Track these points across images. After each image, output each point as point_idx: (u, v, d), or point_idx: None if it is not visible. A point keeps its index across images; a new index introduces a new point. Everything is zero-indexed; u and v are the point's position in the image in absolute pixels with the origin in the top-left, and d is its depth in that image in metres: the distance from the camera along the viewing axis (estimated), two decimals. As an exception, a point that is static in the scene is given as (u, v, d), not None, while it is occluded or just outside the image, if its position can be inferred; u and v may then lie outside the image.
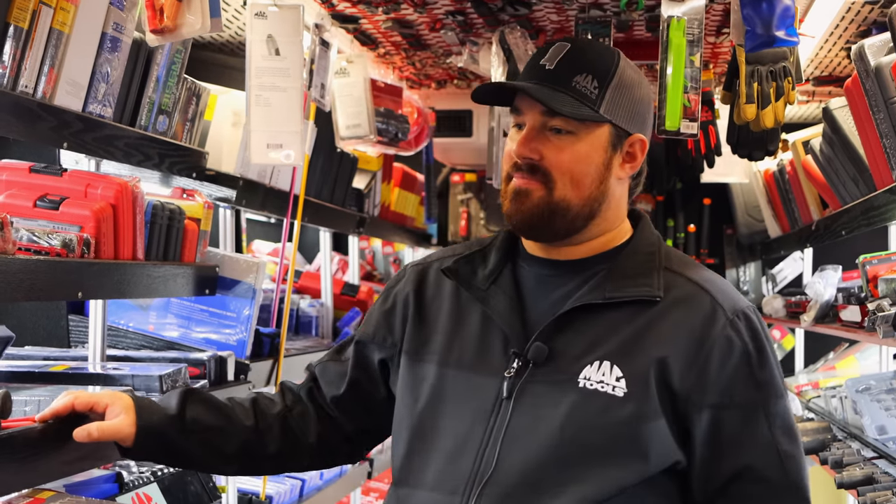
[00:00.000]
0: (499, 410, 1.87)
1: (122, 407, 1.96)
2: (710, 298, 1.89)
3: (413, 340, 2.02)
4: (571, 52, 1.91)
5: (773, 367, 1.88)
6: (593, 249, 1.97)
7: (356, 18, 3.37)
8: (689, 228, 6.16)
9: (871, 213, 3.13)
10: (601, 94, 1.90)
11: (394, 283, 2.15)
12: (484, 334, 1.95)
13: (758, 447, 1.85)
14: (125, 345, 2.89)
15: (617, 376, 1.83)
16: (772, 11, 2.13)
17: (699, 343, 1.84)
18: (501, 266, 2.01)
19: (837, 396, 3.88)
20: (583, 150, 1.90)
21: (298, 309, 4.02)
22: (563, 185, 1.89)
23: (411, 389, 1.98)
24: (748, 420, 1.84)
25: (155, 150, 2.55)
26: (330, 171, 3.92)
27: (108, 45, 2.28)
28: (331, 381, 2.14)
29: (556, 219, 1.91)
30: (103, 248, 2.29)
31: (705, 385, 1.83)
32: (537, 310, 1.94)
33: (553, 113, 1.88)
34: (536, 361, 1.88)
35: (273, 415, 2.09)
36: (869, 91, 2.77)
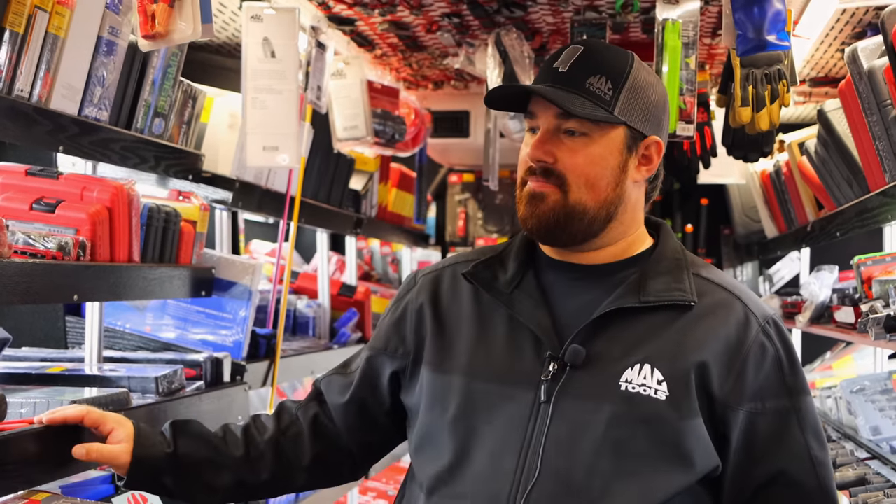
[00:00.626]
0: (537, 415, 1.84)
1: (124, 434, 1.97)
2: (742, 305, 1.89)
3: (435, 350, 1.98)
4: (585, 55, 1.90)
5: (802, 372, 1.90)
6: (616, 255, 1.96)
7: (352, 20, 3.39)
8: (687, 228, 6.17)
9: (864, 214, 3.14)
10: (615, 96, 1.88)
11: (404, 292, 2.11)
12: (512, 338, 1.92)
13: (791, 453, 1.86)
14: (122, 346, 2.90)
15: (658, 379, 1.82)
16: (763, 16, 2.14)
17: (736, 349, 1.85)
18: (523, 272, 1.98)
19: (832, 397, 3.89)
20: (597, 152, 1.89)
21: (295, 310, 4.02)
22: (577, 187, 1.88)
23: (439, 399, 1.94)
24: (782, 425, 1.85)
25: (151, 152, 2.56)
26: (327, 172, 3.93)
27: (103, 49, 2.29)
28: (336, 391, 2.12)
29: (572, 222, 1.89)
30: (99, 251, 2.30)
31: (741, 391, 1.84)
32: (566, 313, 1.91)
33: (567, 115, 1.87)
34: (574, 364, 1.85)
35: (265, 441, 2.08)
36: (862, 94, 2.78)
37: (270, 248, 4.88)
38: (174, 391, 2.52)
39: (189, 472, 2.01)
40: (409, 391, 2.03)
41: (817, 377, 4.82)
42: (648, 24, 3.34)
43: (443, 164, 6.19)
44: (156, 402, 2.37)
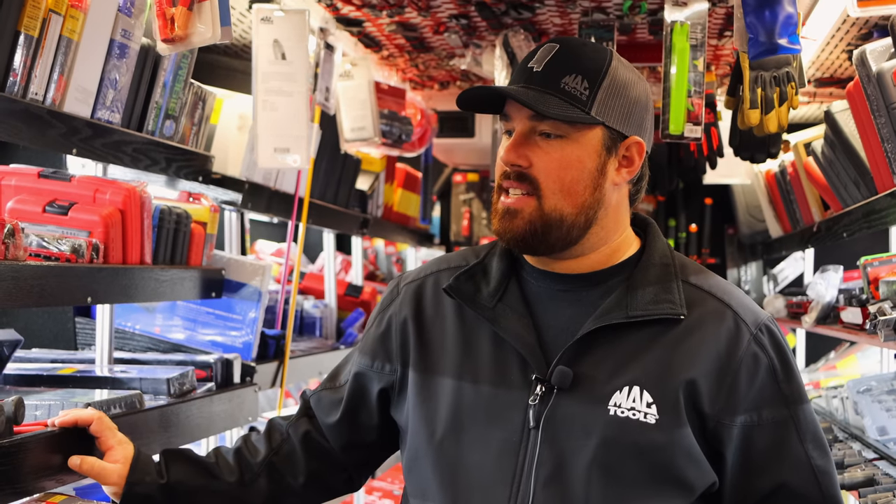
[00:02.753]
0: (527, 442, 1.79)
1: (122, 455, 1.93)
2: (733, 313, 1.83)
3: (420, 365, 1.92)
4: (560, 53, 1.82)
5: (798, 378, 1.84)
6: (601, 261, 1.88)
7: (360, 22, 3.39)
8: (691, 228, 6.18)
9: (871, 216, 3.14)
10: (592, 96, 1.80)
11: (387, 303, 2.04)
12: (498, 356, 1.85)
13: (791, 464, 1.80)
14: (132, 347, 2.90)
15: (648, 402, 1.76)
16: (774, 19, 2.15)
17: (726, 363, 1.78)
18: (506, 280, 1.90)
19: (839, 397, 3.89)
20: (573, 154, 1.80)
21: (302, 310, 4.04)
22: (552, 193, 1.80)
23: (425, 418, 1.89)
24: (780, 437, 1.80)
25: (162, 154, 2.57)
26: (334, 172, 3.94)
27: (116, 52, 2.30)
28: (326, 410, 2.05)
29: (550, 231, 1.81)
30: (112, 253, 2.31)
31: (735, 405, 1.78)
32: (553, 329, 1.85)
33: (541, 117, 1.79)
34: (561, 387, 1.79)
35: (258, 463, 2.03)
36: (870, 96, 2.79)
37: (276, 248, 4.89)
38: (185, 392, 2.53)
39: (183, 501, 1.97)
40: (398, 408, 1.98)
41: (822, 377, 4.83)
42: (656, 25, 3.34)
43: (447, 164, 6.20)
44: (168, 404, 2.38)
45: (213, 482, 1.99)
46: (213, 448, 2.08)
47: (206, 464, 2.01)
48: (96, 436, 1.95)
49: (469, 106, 1.92)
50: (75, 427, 1.94)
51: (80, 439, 1.95)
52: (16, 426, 1.84)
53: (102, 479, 1.93)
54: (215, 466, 2.01)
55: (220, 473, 2.00)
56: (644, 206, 6.15)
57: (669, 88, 2.85)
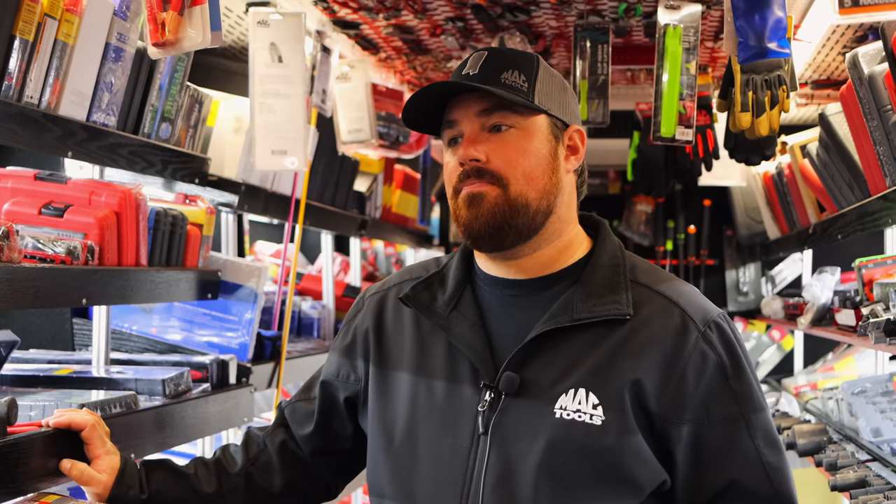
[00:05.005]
0: (477, 447, 1.80)
1: (107, 466, 1.95)
2: (680, 311, 1.82)
3: (378, 376, 1.95)
4: (491, 56, 1.86)
5: (750, 376, 1.82)
6: (553, 259, 1.90)
7: (357, 24, 3.41)
8: (690, 230, 6.19)
9: (865, 218, 3.16)
10: (531, 87, 1.85)
11: (353, 314, 2.07)
12: (451, 363, 1.87)
13: (742, 461, 1.79)
14: (128, 348, 2.92)
15: (593, 403, 1.77)
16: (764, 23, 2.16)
17: (673, 361, 1.78)
18: (461, 288, 1.93)
19: (834, 398, 3.91)
20: (528, 142, 1.84)
21: (300, 311, 4.05)
22: (516, 181, 1.82)
23: (383, 428, 1.92)
24: (729, 434, 1.79)
25: (158, 157, 2.59)
26: (331, 174, 3.96)
27: (111, 55, 2.32)
28: (300, 421, 2.08)
29: (517, 216, 1.82)
30: (107, 255, 2.32)
31: (682, 403, 1.78)
32: (503, 335, 1.86)
33: (489, 112, 1.83)
34: (509, 392, 1.80)
35: (236, 473, 2.05)
36: (863, 99, 2.80)
37: (275, 248, 4.91)
38: (181, 393, 2.54)
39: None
40: (363, 416, 2.01)
41: (819, 378, 4.85)
42: (651, 28, 3.35)
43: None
44: (163, 405, 2.40)
45: (191, 494, 2.02)
46: (192, 459, 2.10)
47: (186, 474, 2.03)
48: (86, 442, 1.96)
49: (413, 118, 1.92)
50: (69, 429, 1.95)
51: (73, 441, 1.96)
52: (9, 426, 1.86)
53: (88, 487, 1.95)
54: (194, 477, 2.03)
55: (198, 485, 2.03)
56: (643, 208, 6.16)
57: (661, 91, 2.86)
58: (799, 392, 4.76)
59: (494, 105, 1.84)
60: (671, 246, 6.21)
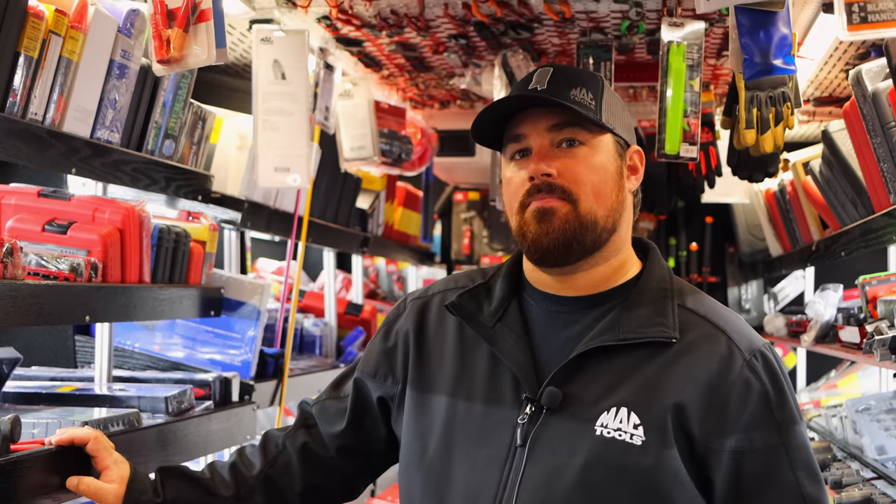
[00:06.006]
0: (513, 459, 1.80)
1: (118, 475, 1.94)
2: (727, 339, 1.82)
3: (417, 381, 1.95)
4: (558, 73, 1.87)
5: (793, 408, 1.81)
6: (606, 277, 1.90)
7: (360, 42, 3.41)
8: (692, 247, 6.18)
9: (869, 235, 3.15)
10: (598, 105, 1.86)
11: (393, 318, 2.07)
12: (493, 375, 1.87)
13: (781, 492, 1.77)
14: (131, 365, 2.91)
15: (634, 423, 1.76)
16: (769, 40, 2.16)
17: (717, 387, 1.77)
18: (507, 301, 1.93)
19: (838, 416, 3.90)
20: (597, 159, 1.85)
21: (302, 328, 4.04)
22: (585, 197, 1.83)
23: (419, 434, 1.91)
24: (770, 464, 1.77)
25: (161, 174, 2.59)
26: (334, 191, 3.95)
27: (115, 73, 2.33)
28: (330, 418, 2.07)
29: (586, 234, 1.83)
30: (110, 272, 2.32)
31: (725, 431, 1.76)
32: (548, 350, 1.86)
33: (559, 127, 1.84)
34: (550, 407, 1.80)
35: (254, 476, 2.04)
36: (867, 116, 2.80)
37: (277, 266, 4.90)
38: (183, 411, 2.53)
39: None
40: (397, 419, 2.00)
41: (822, 395, 4.84)
42: (654, 45, 3.35)
43: (448, 183, 6.22)
44: (165, 423, 2.39)
45: (209, 498, 2.00)
46: (208, 463, 2.09)
47: (202, 480, 2.02)
48: (93, 455, 1.95)
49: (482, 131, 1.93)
50: (72, 445, 1.94)
51: (77, 458, 1.95)
52: (12, 444, 1.85)
53: (99, 500, 1.93)
54: (211, 482, 2.02)
55: (215, 489, 2.01)
56: (645, 225, 6.15)
57: (665, 108, 2.86)
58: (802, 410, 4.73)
59: (565, 121, 1.86)
60: (673, 263, 6.20)
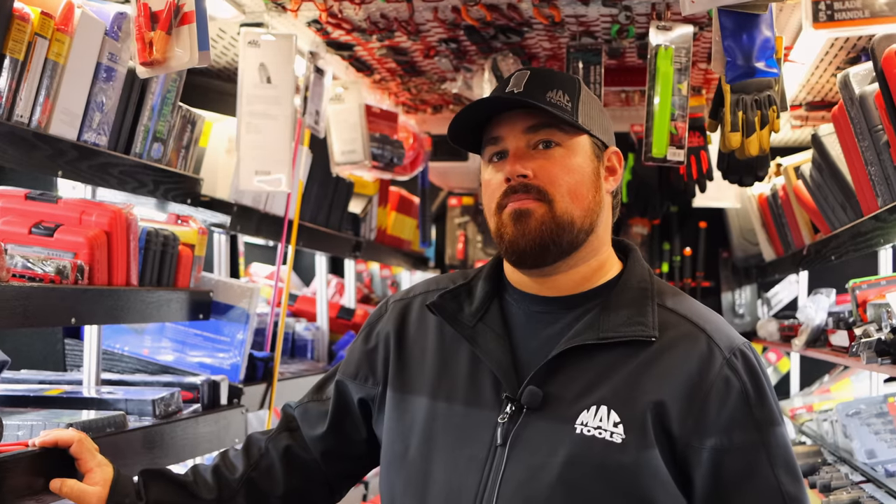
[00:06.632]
0: (493, 459, 1.80)
1: (101, 478, 1.94)
2: (706, 337, 1.83)
3: (398, 382, 1.96)
4: (535, 75, 1.89)
5: (773, 406, 1.82)
6: (586, 278, 1.91)
7: (351, 46, 3.42)
8: (685, 252, 6.18)
9: (858, 238, 3.15)
10: (575, 107, 1.88)
11: (375, 319, 2.08)
12: (473, 375, 1.88)
13: (761, 490, 1.78)
14: (120, 368, 2.92)
15: (615, 421, 1.76)
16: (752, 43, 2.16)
17: (697, 386, 1.78)
18: (488, 301, 1.94)
19: (829, 420, 3.90)
20: (574, 160, 1.87)
21: (294, 332, 4.05)
22: (561, 198, 1.84)
23: (400, 434, 1.92)
24: (750, 462, 1.78)
25: (149, 177, 2.59)
26: (325, 195, 3.96)
27: (102, 75, 2.33)
28: (312, 421, 2.08)
29: (563, 235, 1.85)
30: (97, 275, 2.32)
31: (704, 429, 1.77)
32: (528, 349, 1.87)
33: (536, 129, 1.86)
34: (531, 406, 1.80)
35: (237, 479, 2.04)
36: (854, 119, 2.81)
37: (270, 270, 4.90)
38: (171, 414, 2.54)
39: None
40: (378, 421, 2.01)
41: (815, 400, 4.83)
42: (644, 49, 3.36)
43: (442, 188, 6.23)
44: (153, 425, 2.39)
45: (191, 501, 2.00)
46: (191, 466, 2.09)
47: (185, 483, 2.02)
48: (76, 457, 1.95)
49: (459, 134, 1.94)
50: (56, 447, 1.94)
51: (60, 460, 1.95)
52: (-4, 445, 1.86)
53: (82, 502, 1.93)
54: (193, 485, 2.02)
55: (198, 492, 2.01)
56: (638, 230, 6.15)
57: (653, 111, 2.87)
58: (795, 414, 4.74)
59: (541, 122, 1.87)
60: (667, 268, 6.20)
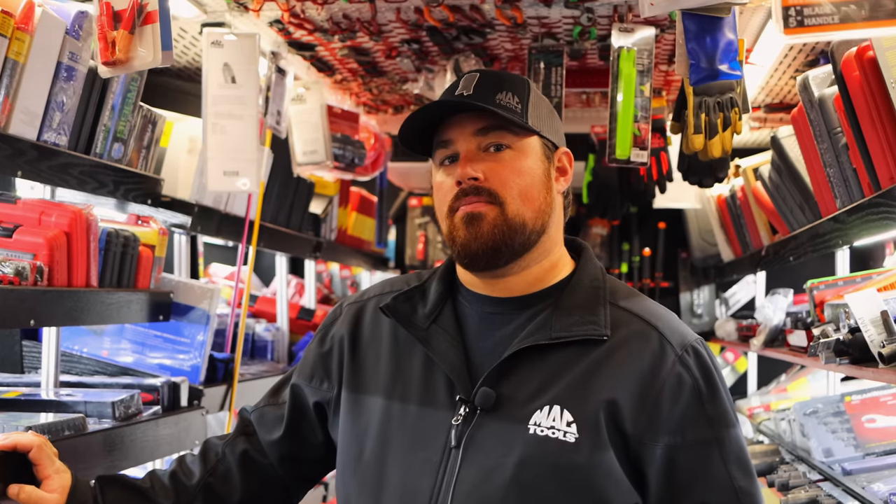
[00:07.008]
0: (448, 461, 1.80)
1: (59, 484, 1.90)
2: (658, 335, 1.83)
3: (352, 384, 1.96)
4: (484, 78, 1.89)
5: (724, 400, 1.83)
6: (539, 278, 1.91)
7: (312, 46, 3.40)
8: (645, 252, 6.23)
9: (816, 240, 3.18)
10: (524, 109, 1.88)
11: (330, 322, 2.07)
12: (427, 377, 1.88)
13: (714, 485, 1.79)
14: (79, 370, 2.89)
15: (568, 421, 1.77)
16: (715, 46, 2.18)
17: (649, 383, 1.78)
18: (442, 303, 1.94)
19: (786, 419, 3.93)
20: (524, 162, 1.87)
21: (254, 333, 4.03)
22: (512, 200, 1.84)
23: (355, 437, 1.92)
24: (702, 457, 1.79)
25: (110, 177, 2.56)
26: (286, 196, 3.94)
27: (63, 75, 2.30)
28: (269, 426, 2.07)
29: (515, 237, 1.84)
30: (57, 276, 2.30)
31: (657, 425, 1.78)
32: (481, 351, 1.87)
33: (485, 131, 1.85)
34: (484, 407, 1.80)
35: (194, 485, 2.02)
36: (813, 121, 2.83)
37: (230, 271, 4.88)
38: (131, 416, 2.51)
39: None
40: (334, 424, 2.00)
41: (773, 399, 4.87)
42: (606, 51, 3.37)
43: (403, 188, 6.22)
44: (112, 427, 2.37)
45: None
46: (148, 472, 2.07)
47: (142, 488, 2.00)
48: (35, 463, 1.92)
49: (409, 136, 1.94)
50: (15, 451, 1.91)
51: (19, 464, 1.92)
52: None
53: None
54: (151, 491, 2.00)
55: (155, 497, 1.99)
56: (598, 231, 6.19)
57: (616, 113, 2.88)
58: (752, 413, 4.78)
59: (491, 125, 1.87)
60: (626, 268, 6.24)
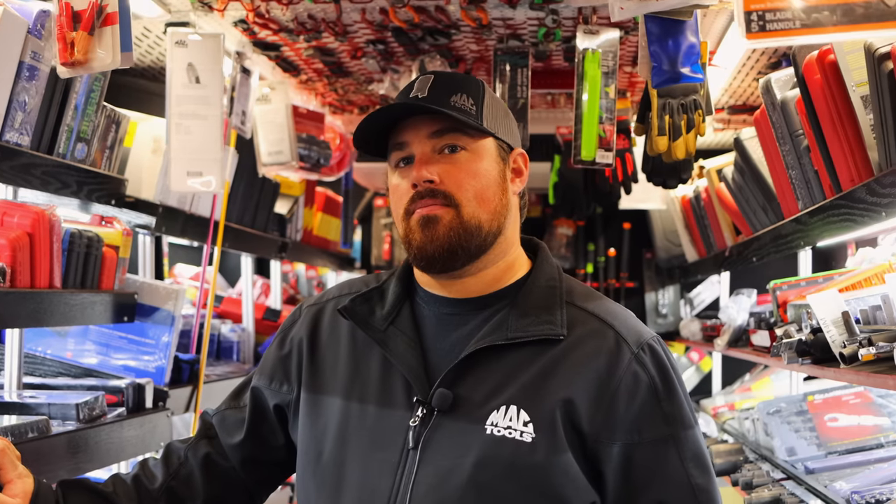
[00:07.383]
0: (406, 462, 1.81)
1: (21, 489, 1.87)
2: (614, 333, 1.84)
3: (311, 386, 1.96)
4: (438, 80, 1.89)
5: (681, 398, 1.83)
6: (496, 279, 1.92)
7: (278, 46, 3.39)
8: (610, 252, 6.26)
9: (779, 240, 3.21)
10: (479, 110, 1.88)
11: (289, 325, 2.07)
12: (385, 378, 1.88)
13: (671, 482, 1.80)
14: (42, 372, 2.86)
15: (524, 421, 1.77)
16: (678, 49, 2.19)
17: (606, 382, 1.79)
18: (399, 304, 1.95)
19: (750, 418, 3.96)
20: (479, 164, 1.87)
21: (219, 334, 4.01)
22: (468, 202, 1.85)
23: (314, 438, 1.92)
24: (659, 455, 1.80)
25: (73, 177, 2.55)
26: (252, 196, 3.93)
27: (25, 74, 2.28)
28: (230, 429, 2.06)
29: (471, 239, 1.84)
30: (19, 277, 2.28)
31: (614, 424, 1.78)
32: (438, 352, 1.88)
33: (440, 133, 1.86)
34: (441, 408, 1.81)
35: (157, 489, 2.00)
36: (776, 124, 2.86)
37: (195, 271, 4.86)
38: (95, 418, 2.50)
39: None
40: (294, 426, 2.01)
41: (737, 398, 4.91)
42: (570, 52, 3.39)
43: (368, 188, 6.22)
44: (76, 430, 2.36)
45: None
46: (111, 475, 2.05)
47: (104, 493, 1.98)
48: None
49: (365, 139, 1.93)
50: None
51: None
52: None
53: None
54: (113, 495, 1.98)
55: (118, 501, 1.98)
56: (563, 231, 6.21)
57: (581, 115, 2.89)
58: (717, 413, 4.81)
59: (446, 127, 1.87)
60: (592, 269, 6.27)
